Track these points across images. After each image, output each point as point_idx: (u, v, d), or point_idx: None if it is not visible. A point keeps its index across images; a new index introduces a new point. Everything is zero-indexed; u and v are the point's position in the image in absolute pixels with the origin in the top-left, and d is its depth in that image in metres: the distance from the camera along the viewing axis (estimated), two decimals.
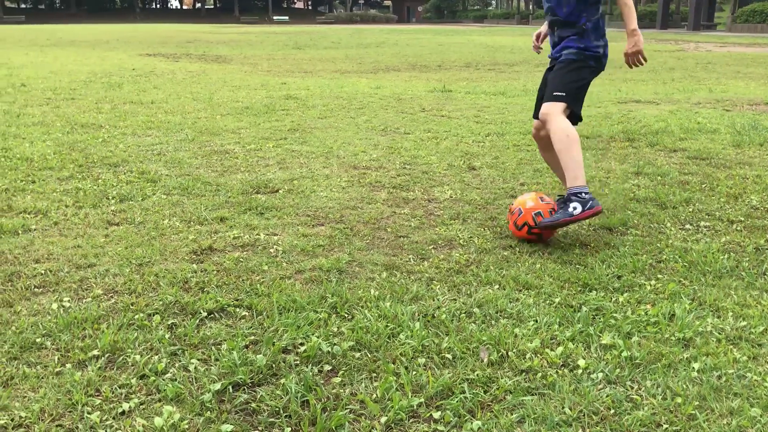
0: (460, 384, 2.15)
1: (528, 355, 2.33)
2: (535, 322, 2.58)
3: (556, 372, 2.23)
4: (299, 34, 34.64)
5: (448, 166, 5.21)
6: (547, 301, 2.77)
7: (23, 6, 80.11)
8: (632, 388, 2.14)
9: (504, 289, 2.88)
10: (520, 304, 2.74)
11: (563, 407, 2.03)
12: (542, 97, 3.73)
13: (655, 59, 17.19)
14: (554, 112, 3.56)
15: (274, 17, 77.05)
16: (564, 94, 3.59)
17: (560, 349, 2.36)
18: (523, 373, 2.23)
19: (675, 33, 39.39)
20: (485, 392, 2.12)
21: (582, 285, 2.94)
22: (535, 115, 3.80)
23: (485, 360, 2.30)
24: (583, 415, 2.00)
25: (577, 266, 3.16)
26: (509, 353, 2.34)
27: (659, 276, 3.05)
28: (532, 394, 2.11)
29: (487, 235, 3.60)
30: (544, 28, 3.99)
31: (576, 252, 3.35)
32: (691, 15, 45.04)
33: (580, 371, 2.23)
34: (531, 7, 75.72)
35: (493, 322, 2.59)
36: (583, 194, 3.45)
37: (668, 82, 11.74)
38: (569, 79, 3.59)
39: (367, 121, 7.36)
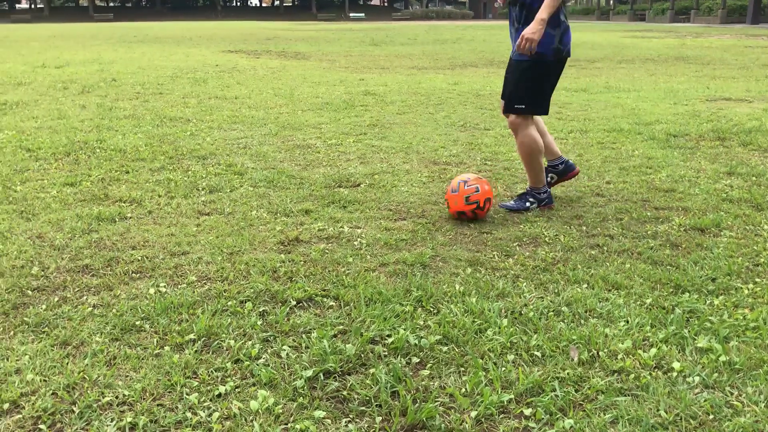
0: (550, 382, 2.12)
1: (620, 356, 2.28)
2: (626, 322, 2.52)
3: (650, 374, 2.18)
4: (375, 30, 34.83)
5: None
6: (638, 302, 2.71)
7: (111, 4, 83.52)
8: (732, 393, 2.07)
9: (593, 289, 2.83)
10: (609, 303, 2.68)
11: (658, 410, 1.98)
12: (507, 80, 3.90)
13: (746, 55, 16.47)
14: (521, 125, 3.84)
15: (351, 14, 77.72)
16: (524, 106, 3.78)
17: (653, 350, 2.30)
18: (615, 374, 2.18)
19: (766, 28, 37.58)
20: (576, 391, 2.09)
21: (674, 286, 2.85)
22: (503, 96, 3.95)
23: (575, 359, 2.27)
24: (680, 419, 1.94)
25: (668, 267, 3.07)
26: (600, 353, 2.30)
27: (757, 280, 2.92)
28: (625, 395, 2.06)
29: (573, 233, 3.54)
30: None
31: (666, 253, 3.25)
32: None
33: (674, 374, 2.17)
34: (611, 2, 73.73)
35: (582, 321, 2.55)
36: (542, 193, 3.96)
37: (761, 80, 11.22)
38: (526, 87, 3.66)
39: (445, 117, 7.35)
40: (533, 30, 3.47)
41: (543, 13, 3.45)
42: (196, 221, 3.71)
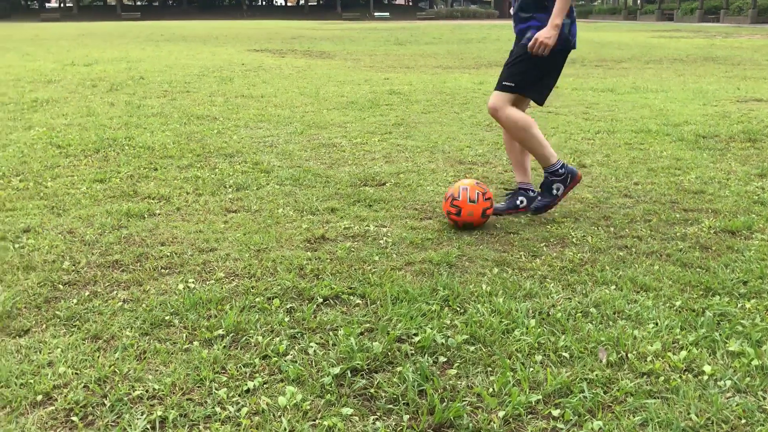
0: (579, 383, 2.11)
1: (649, 358, 2.26)
2: (655, 325, 2.50)
3: (680, 377, 2.15)
4: (400, 30, 34.82)
5: None
6: (667, 304, 2.68)
7: (139, 3, 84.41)
8: (764, 398, 2.04)
9: (621, 290, 2.80)
10: (638, 305, 2.65)
11: (689, 413, 1.96)
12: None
13: None
14: (500, 105, 3.59)
15: (375, 14, 77.76)
16: (513, 84, 3.58)
17: (683, 353, 2.27)
18: (645, 376, 2.16)
19: None
20: (605, 393, 2.07)
21: (704, 289, 2.82)
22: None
23: (604, 360, 2.25)
24: (711, 423, 1.92)
25: (698, 270, 3.03)
26: (629, 355, 2.28)
27: None
28: (655, 398, 2.04)
29: (600, 235, 3.51)
30: None
31: (696, 255, 3.21)
32: None
33: (705, 377, 2.14)
34: (639, 2, 72.94)
35: (610, 322, 2.53)
36: (560, 170, 3.65)
37: None
38: (523, 69, 3.50)
39: (471, 116, 7.32)
40: (548, 35, 3.41)
41: (557, 19, 3.38)
42: (223, 218, 3.74)
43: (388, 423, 1.95)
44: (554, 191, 3.68)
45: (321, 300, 2.71)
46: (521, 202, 3.75)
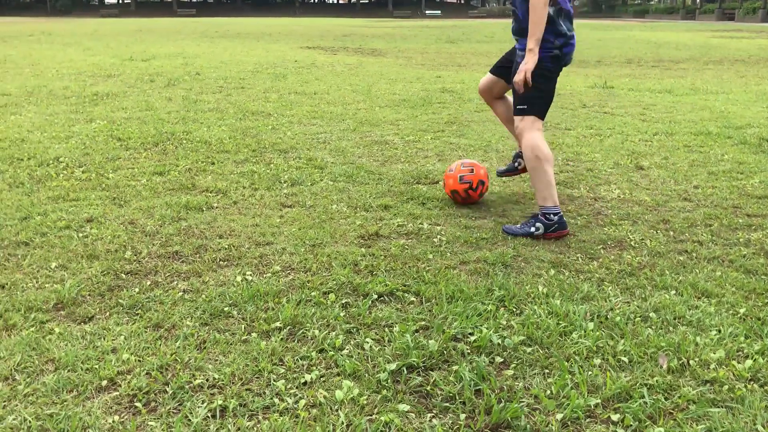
0: (639, 388, 2.07)
1: (712, 366, 2.20)
2: (718, 332, 2.43)
3: (745, 386, 2.10)
4: (452, 28, 34.67)
5: (614, 164, 5.03)
6: (731, 311, 2.61)
7: (194, 0, 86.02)
8: None
9: (681, 296, 2.74)
10: (700, 311, 2.59)
11: (755, 424, 1.91)
12: (498, 65, 3.94)
13: None
14: (526, 127, 3.55)
15: (427, 12, 77.57)
16: (526, 106, 3.55)
17: (748, 362, 2.21)
18: (708, 384, 2.11)
19: None
20: (666, 399, 2.03)
21: None
22: (492, 70, 3.99)
23: (665, 366, 2.20)
24: None
25: (763, 277, 2.95)
26: (690, 362, 2.23)
27: None
28: (719, 407, 1.99)
29: (659, 238, 3.44)
30: None
31: (761, 262, 3.12)
32: None
33: None
34: (698, 1, 71.08)
35: (671, 328, 2.47)
36: (552, 215, 3.44)
37: None
38: (529, 95, 3.45)
39: None
40: (526, 61, 3.37)
41: (530, 43, 3.34)
42: (279, 213, 3.79)
43: (444, 421, 1.95)
44: (533, 229, 3.45)
45: (376, 296, 2.72)
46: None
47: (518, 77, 3.40)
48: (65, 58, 13.77)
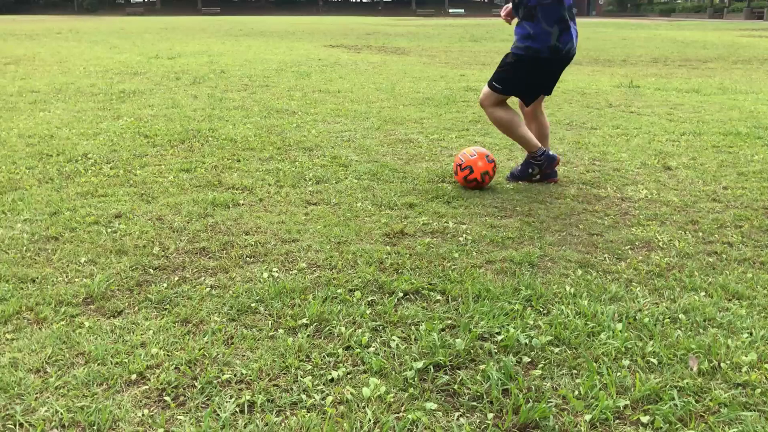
0: (669, 390, 2.05)
1: (744, 369, 2.17)
2: (750, 335, 2.40)
3: None
4: (475, 26, 34.53)
5: (641, 164, 4.97)
6: (762, 314, 2.57)
7: None
8: None
9: (711, 297, 2.71)
10: (730, 314, 2.56)
11: None
12: None
13: None
14: (487, 103, 4.07)
15: (450, 10, 77.33)
16: (501, 87, 3.96)
17: None
18: (740, 387, 2.08)
19: None
20: (697, 402, 2.01)
21: None
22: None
23: (695, 369, 2.18)
24: None
25: None
26: (721, 364, 2.20)
27: None
28: (751, 410, 1.97)
29: (688, 239, 3.40)
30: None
31: None
32: None
33: None
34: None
35: (701, 330, 2.44)
36: (538, 156, 4.22)
37: None
38: (509, 76, 3.62)
39: (550, 114, 7.20)
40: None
41: None
42: (304, 210, 3.80)
43: (472, 420, 1.94)
44: (529, 170, 4.31)
45: (401, 294, 2.72)
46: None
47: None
48: (92, 55, 13.93)
